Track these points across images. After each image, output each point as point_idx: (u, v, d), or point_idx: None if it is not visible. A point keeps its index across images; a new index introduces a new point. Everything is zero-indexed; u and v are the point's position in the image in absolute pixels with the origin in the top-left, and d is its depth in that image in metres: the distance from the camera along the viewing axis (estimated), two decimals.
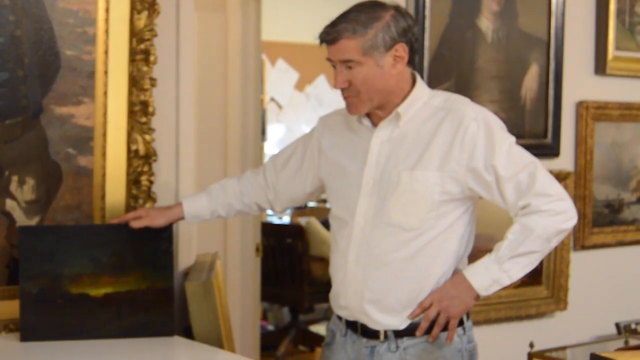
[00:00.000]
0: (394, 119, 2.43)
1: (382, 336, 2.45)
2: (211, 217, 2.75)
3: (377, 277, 2.42)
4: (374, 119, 2.47)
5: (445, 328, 2.42)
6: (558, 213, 2.38)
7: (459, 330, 2.45)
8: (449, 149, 2.37)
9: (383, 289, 2.42)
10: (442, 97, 2.46)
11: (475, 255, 2.51)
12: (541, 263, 3.93)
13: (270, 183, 2.70)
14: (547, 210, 2.36)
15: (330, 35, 2.36)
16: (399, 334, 2.44)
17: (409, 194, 2.38)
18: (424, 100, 2.44)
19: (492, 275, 2.39)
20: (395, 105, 2.42)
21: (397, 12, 2.38)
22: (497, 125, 2.42)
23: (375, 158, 2.44)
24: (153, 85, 2.88)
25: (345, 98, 2.43)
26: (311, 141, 2.64)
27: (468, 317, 2.51)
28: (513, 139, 2.43)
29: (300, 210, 6.90)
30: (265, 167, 2.73)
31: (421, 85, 2.47)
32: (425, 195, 2.37)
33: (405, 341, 2.44)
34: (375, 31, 2.34)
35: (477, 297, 2.41)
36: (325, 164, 2.57)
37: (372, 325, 2.46)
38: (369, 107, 2.42)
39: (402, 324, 2.44)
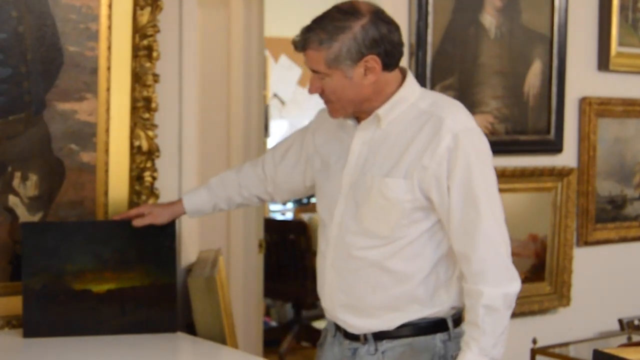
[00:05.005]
0: (374, 121, 2.33)
1: (362, 339, 2.39)
2: (213, 211, 2.73)
3: (351, 282, 2.36)
4: (359, 117, 2.38)
5: (425, 333, 2.35)
6: (507, 276, 2.27)
7: (444, 335, 2.37)
8: (421, 157, 2.25)
9: (357, 294, 2.36)
10: (430, 100, 2.32)
11: None
12: (544, 259, 3.95)
13: (269, 176, 2.65)
14: (495, 275, 2.25)
15: (299, 43, 2.28)
16: (378, 337, 2.37)
17: (381, 201, 2.29)
18: (411, 101, 2.32)
19: None
20: (376, 109, 2.32)
21: (370, 20, 2.22)
22: (474, 147, 2.26)
23: (355, 159, 2.35)
24: (156, 81, 2.88)
25: (324, 103, 2.36)
26: (307, 135, 2.56)
27: (457, 324, 2.39)
28: (487, 166, 2.28)
29: (303, 206, 6.91)
30: (264, 159, 2.68)
31: (409, 85, 2.33)
32: (395, 203, 2.27)
33: (385, 344, 2.37)
34: (341, 44, 2.21)
35: None
36: (317, 161, 2.50)
37: (349, 329, 2.41)
38: (345, 113, 2.34)
39: (380, 325, 2.36)
